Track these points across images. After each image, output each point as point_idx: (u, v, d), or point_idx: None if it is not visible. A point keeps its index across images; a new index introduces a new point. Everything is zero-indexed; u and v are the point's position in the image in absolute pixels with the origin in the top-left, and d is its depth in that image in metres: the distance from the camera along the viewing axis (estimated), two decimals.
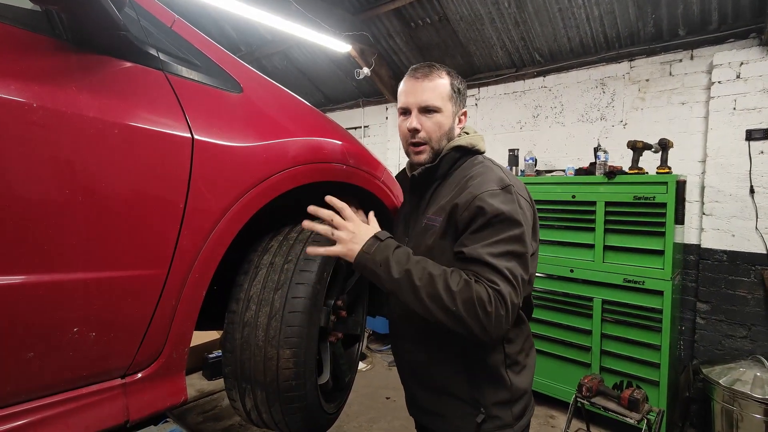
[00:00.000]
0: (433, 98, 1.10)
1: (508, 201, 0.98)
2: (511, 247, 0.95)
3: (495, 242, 0.94)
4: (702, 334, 3.08)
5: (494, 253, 0.93)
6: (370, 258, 0.97)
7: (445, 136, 1.13)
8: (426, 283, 0.92)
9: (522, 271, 0.95)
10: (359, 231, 1.01)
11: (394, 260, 0.96)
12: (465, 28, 3.97)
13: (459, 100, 1.14)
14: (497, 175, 1.04)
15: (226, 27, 5.28)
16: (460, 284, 0.90)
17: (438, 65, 1.14)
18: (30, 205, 0.70)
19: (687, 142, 3.16)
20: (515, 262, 0.95)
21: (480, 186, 1.01)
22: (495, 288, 0.90)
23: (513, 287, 0.92)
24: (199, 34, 1.08)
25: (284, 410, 1.04)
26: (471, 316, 0.89)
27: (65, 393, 0.78)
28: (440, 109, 1.10)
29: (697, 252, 3.11)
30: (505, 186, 1.01)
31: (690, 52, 3.17)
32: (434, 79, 1.10)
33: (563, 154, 3.83)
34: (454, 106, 1.13)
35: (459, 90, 1.14)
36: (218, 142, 0.96)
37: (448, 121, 1.12)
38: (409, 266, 0.95)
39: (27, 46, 0.73)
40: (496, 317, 0.89)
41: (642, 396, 2.28)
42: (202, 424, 2.94)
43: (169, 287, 0.88)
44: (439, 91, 1.10)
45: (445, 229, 1.04)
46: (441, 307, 0.91)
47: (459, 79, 1.16)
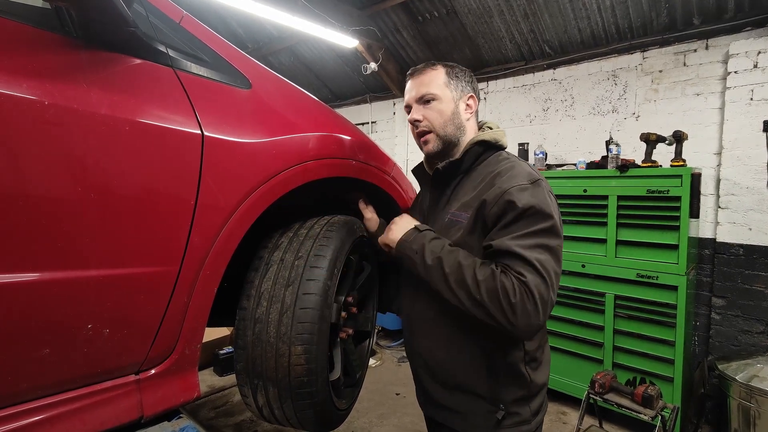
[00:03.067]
0: (427, 88, 1.13)
1: (537, 194, 0.98)
2: (541, 239, 0.94)
3: (525, 234, 0.94)
4: (717, 329, 3.03)
5: (524, 245, 0.93)
6: (408, 245, 1.07)
7: (450, 122, 1.13)
8: (454, 270, 0.96)
9: (555, 265, 0.94)
10: (400, 223, 1.13)
11: (429, 248, 1.02)
12: (473, 21, 3.92)
13: (458, 85, 1.14)
14: (525, 170, 1.03)
15: (233, 24, 5.28)
16: (486, 274, 0.92)
17: (433, 61, 1.17)
18: (43, 203, 0.70)
19: (702, 134, 3.09)
20: (547, 254, 0.94)
21: (509, 181, 1.00)
22: (521, 279, 0.90)
23: (543, 279, 0.91)
24: (208, 30, 1.07)
25: (296, 406, 1.04)
26: (495, 307, 0.90)
27: (81, 389, 0.79)
28: (436, 96, 1.12)
29: (712, 246, 3.05)
30: (534, 180, 1.01)
31: (705, 41, 3.09)
32: (427, 72, 1.14)
33: (574, 147, 3.78)
34: (453, 92, 1.14)
35: (457, 76, 1.15)
36: (228, 138, 0.95)
37: (449, 106, 1.13)
38: (441, 254, 1.00)
39: (37, 44, 0.73)
40: (522, 309, 0.89)
41: (656, 392, 2.25)
42: (214, 420, 2.97)
43: (181, 284, 0.88)
44: (432, 80, 1.13)
45: (473, 225, 1.03)
46: (467, 294, 0.94)
47: (458, 68, 1.17)
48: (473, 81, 1.19)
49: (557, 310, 3.09)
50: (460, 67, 1.18)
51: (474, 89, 1.18)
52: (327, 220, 1.21)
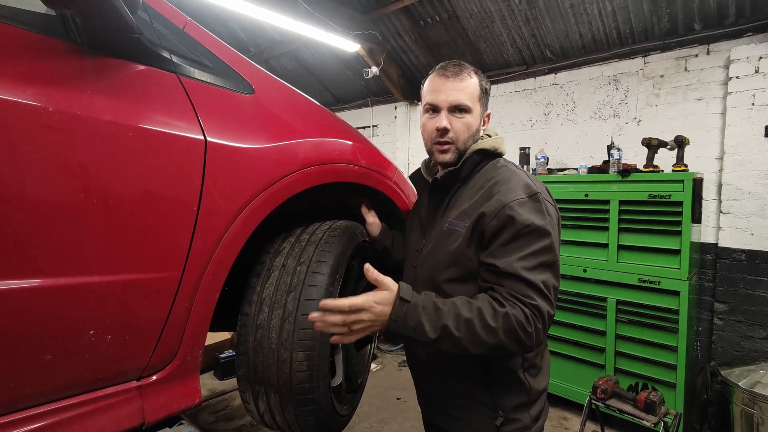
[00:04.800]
0: (464, 98, 1.07)
1: (536, 210, 0.97)
2: (543, 258, 0.94)
3: (528, 255, 0.93)
4: (720, 335, 3.01)
5: (528, 267, 0.92)
6: (402, 325, 0.91)
7: (471, 138, 1.11)
8: (465, 331, 0.89)
9: (554, 281, 0.96)
10: (378, 307, 0.90)
11: (426, 320, 0.90)
12: (475, 25, 3.93)
13: (486, 101, 1.13)
14: (523, 181, 1.02)
15: (235, 28, 5.31)
16: (498, 318, 0.89)
17: (467, 64, 1.12)
18: (46, 209, 0.70)
19: (703, 139, 3.09)
20: (548, 273, 0.95)
21: (508, 193, 0.99)
22: (532, 304, 0.90)
23: (548, 300, 0.93)
24: (211, 35, 1.07)
25: (298, 413, 1.03)
26: (514, 343, 0.90)
27: (82, 395, 0.79)
28: (470, 109, 1.08)
29: (714, 251, 3.04)
30: (533, 194, 0.99)
31: (706, 46, 3.10)
32: (465, 78, 1.08)
33: (575, 152, 3.78)
34: (481, 108, 1.12)
35: (486, 90, 1.12)
36: (231, 143, 0.96)
37: (476, 122, 1.11)
38: (443, 321, 0.90)
39: (42, 50, 0.74)
40: (535, 333, 0.91)
41: (659, 398, 2.23)
42: (214, 424, 2.96)
43: (183, 289, 0.88)
44: (470, 90, 1.08)
45: (470, 236, 1.01)
46: (485, 346, 0.91)
47: (486, 79, 1.13)
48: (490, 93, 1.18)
49: (559, 314, 3.07)
50: (487, 79, 1.15)
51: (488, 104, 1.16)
52: (329, 225, 1.21)
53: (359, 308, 0.89)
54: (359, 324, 0.90)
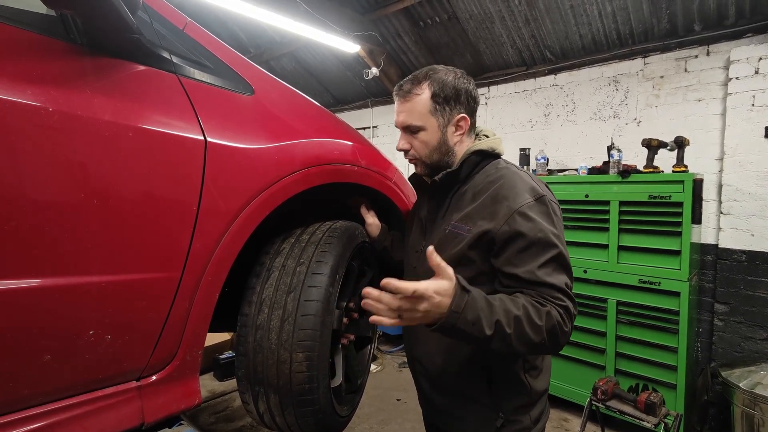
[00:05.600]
0: (411, 118, 1.08)
1: (545, 213, 0.98)
2: (559, 261, 0.97)
3: (547, 261, 0.95)
4: (720, 336, 3.01)
5: (551, 272, 0.95)
6: (461, 318, 0.84)
7: (436, 151, 1.10)
8: (515, 328, 0.87)
9: (571, 281, 0.98)
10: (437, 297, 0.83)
11: (483, 315, 0.85)
12: (474, 26, 3.93)
13: (446, 108, 1.08)
14: (528, 184, 1.02)
15: (235, 29, 5.31)
16: (542, 316, 0.90)
17: (421, 75, 1.09)
18: (45, 209, 0.70)
19: (703, 139, 3.09)
20: (565, 274, 0.97)
21: (516, 198, 0.99)
22: (563, 305, 0.93)
23: (572, 300, 0.95)
24: (211, 36, 1.08)
25: (297, 413, 1.03)
26: (554, 342, 0.92)
27: (82, 395, 0.79)
28: (422, 127, 1.08)
29: (714, 252, 3.04)
30: (539, 197, 1.00)
31: (706, 47, 3.10)
32: (412, 98, 1.08)
33: (575, 152, 3.78)
34: (440, 118, 1.08)
35: (446, 98, 1.07)
36: (231, 144, 0.96)
37: (434, 136, 1.09)
38: (496, 316, 0.86)
39: (42, 51, 0.74)
40: (568, 333, 0.94)
41: (659, 399, 2.23)
42: (214, 425, 2.96)
43: (182, 290, 0.88)
44: (418, 109, 1.07)
45: (476, 240, 1.00)
46: (529, 345, 0.90)
47: (448, 85, 1.06)
48: (468, 94, 1.09)
49: None
50: (451, 83, 1.07)
51: (468, 104, 1.10)
52: (329, 225, 1.21)
53: (420, 296, 0.81)
54: (412, 313, 0.84)
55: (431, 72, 1.09)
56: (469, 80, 1.11)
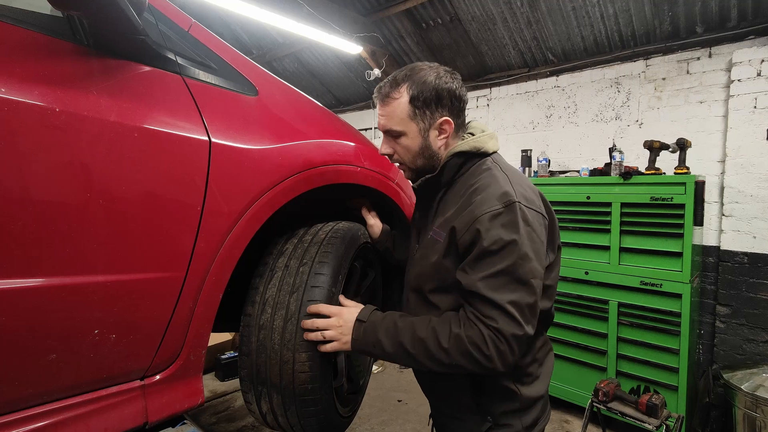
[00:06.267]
0: (391, 123, 1.03)
1: (509, 223, 0.89)
2: (512, 275, 0.87)
3: (495, 273, 0.87)
4: (722, 338, 3.01)
5: (494, 286, 0.87)
6: (362, 342, 0.99)
7: (419, 156, 1.05)
8: (419, 349, 0.92)
9: (530, 298, 0.89)
10: (344, 321, 1.01)
11: (383, 337, 0.96)
12: (477, 28, 3.94)
13: (426, 112, 1.00)
14: (501, 189, 0.93)
15: (238, 30, 5.33)
16: (450, 339, 0.88)
17: (400, 76, 1.02)
18: (51, 209, 0.71)
19: (705, 141, 3.09)
20: (521, 291, 0.88)
21: (481, 204, 0.92)
22: (492, 326, 0.86)
23: (515, 321, 0.86)
24: (215, 37, 1.08)
25: (300, 414, 1.03)
26: (473, 365, 0.88)
27: (86, 394, 0.79)
28: (402, 132, 1.02)
29: (716, 254, 3.03)
30: (509, 203, 0.91)
31: (708, 49, 3.10)
32: (390, 102, 1.01)
33: (577, 154, 3.78)
34: (420, 123, 1.01)
35: (426, 101, 0.99)
36: (235, 144, 0.96)
37: (415, 141, 1.03)
38: (399, 338, 0.95)
39: (49, 52, 0.74)
40: (497, 356, 0.87)
41: (660, 401, 2.23)
42: (216, 425, 2.96)
43: (186, 289, 0.89)
44: (396, 114, 1.01)
45: (447, 248, 0.97)
46: (441, 364, 0.91)
47: (430, 86, 0.99)
48: (451, 94, 1.01)
49: (560, 317, 3.07)
50: (431, 85, 0.99)
51: (452, 106, 1.02)
52: (331, 226, 1.22)
53: (327, 312, 1.00)
54: (330, 332, 0.99)
55: (411, 73, 1.01)
56: (454, 78, 1.03)
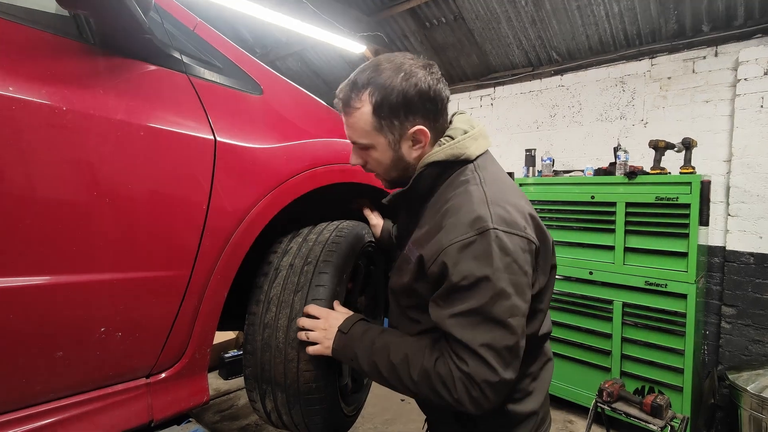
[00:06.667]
0: (355, 135, 0.90)
1: (482, 254, 0.76)
2: (487, 315, 0.76)
3: (465, 312, 0.77)
4: (727, 338, 2.99)
5: (465, 326, 0.77)
6: (341, 353, 0.94)
7: (392, 168, 0.93)
8: (391, 374, 0.86)
9: (508, 340, 0.77)
10: (329, 326, 0.96)
11: (360, 353, 0.90)
12: (481, 27, 3.93)
13: (394, 123, 0.86)
14: (474, 213, 0.79)
15: (242, 29, 5.34)
16: (421, 373, 0.81)
17: (361, 80, 0.86)
18: (58, 207, 0.71)
19: (711, 141, 3.07)
20: (497, 332, 0.76)
21: (450, 231, 0.80)
22: (462, 370, 0.76)
23: (488, 366, 0.75)
24: (220, 36, 1.08)
25: (304, 412, 1.03)
26: (441, 402, 0.80)
27: (93, 392, 0.80)
28: (370, 145, 0.89)
29: (722, 254, 3.01)
30: (482, 230, 0.77)
31: (714, 48, 3.08)
32: (351, 112, 0.87)
33: (581, 153, 3.76)
34: (389, 134, 0.87)
35: (393, 109, 0.84)
36: (240, 143, 0.96)
37: (386, 154, 0.90)
38: (373, 358, 0.88)
39: (56, 50, 0.75)
40: (468, 400, 0.77)
41: (665, 402, 2.22)
42: (219, 423, 2.97)
43: (192, 288, 0.89)
44: (359, 126, 0.87)
45: (417, 273, 0.87)
46: (414, 394, 0.85)
47: (397, 91, 0.83)
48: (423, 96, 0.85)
49: (564, 316, 3.06)
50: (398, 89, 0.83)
51: (425, 110, 0.87)
52: (335, 225, 1.22)
53: (316, 313, 0.98)
54: (315, 333, 0.97)
55: (373, 75, 0.85)
56: (429, 73, 0.86)
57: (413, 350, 0.85)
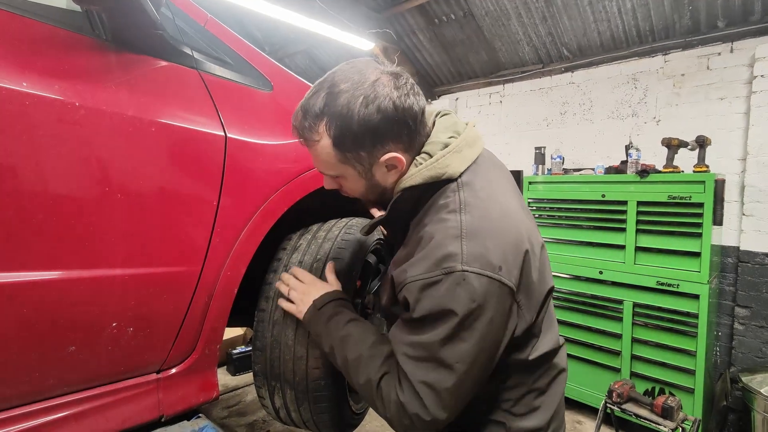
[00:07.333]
0: (320, 167, 0.82)
1: (443, 296, 0.70)
2: (434, 353, 0.72)
3: (416, 344, 0.74)
4: (740, 340, 2.94)
5: (411, 357, 0.74)
6: (308, 325, 0.93)
7: (369, 193, 0.85)
8: (342, 365, 0.86)
9: (448, 382, 0.72)
10: (307, 293, 0.94)
11: (323, 334, 0.89)
12: (490, 23, 3.89)
13: (362, 153, 0.77)
14: (444, 250, 0.71)
15: (250, 26, 5.35)
16: (365, 382, 0.80)
17: (314, 110, 0.75)
18: (69, 203, 0.71)
19: (726, 139, 3.01)
20: (441, 373, 0.72)
21: (416, 266, 0.73)
22: (398, 397, 0.75)
23: (420, 404, 0.72)
24: (231, 32, 1.08)
25: (313, 410, 1.03)
26: (377, 410, 0.80)
27: (104, 386, 0.80)
28: (338, 175, 0.82)
29: (735, 254, 2.96)
30: (449, 271, 0.70)
31: (730, 44, 3.01)
32: (310, 144, 0.78)
33: (592, 151, 3.72)
34: (357, 165, 0.78)
35: (356, 141, 0.74)
36: (250, 140, 0.96)
37: (358, 183, 0.82)
38: (333, 344, 0.86)
39: (68, 46, 0.75)
40: (399, 424, 0.76)
41: (677, 403, 2.19)
42: (227, 419, 2.99)
43: (202, 284, 0.89)
44: (322, 159, 0.79)
45: (392, 295, 0.83)
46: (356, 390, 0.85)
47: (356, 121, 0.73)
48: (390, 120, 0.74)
49: (573, 316, 3.03)
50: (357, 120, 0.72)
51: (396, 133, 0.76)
52: (345, 222, 1.21)
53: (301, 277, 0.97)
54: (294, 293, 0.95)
55: (328, 101, 0.74)
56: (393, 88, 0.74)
57: (367, 354, 0.82)
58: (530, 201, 3.27)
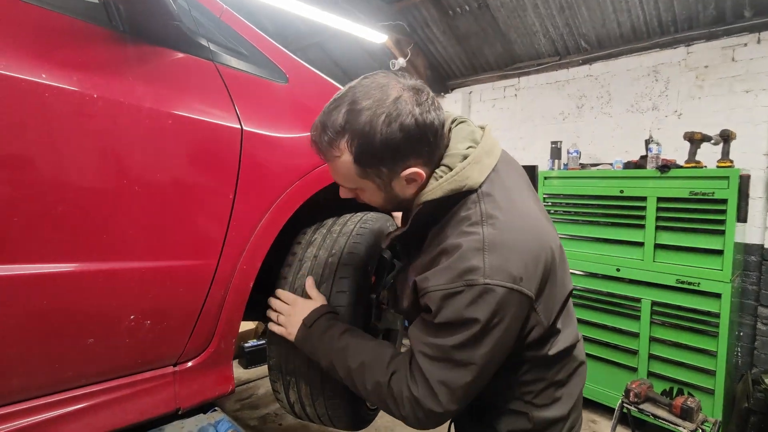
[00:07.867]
0: (339, 180, 0.84)
1: (465, 305, 0.73)
2: (453, 357, 0.75)
3: (436, 346, 0.77)
4: (763, 341, 2.86)
5: (430, 357, 0.77)
6: (302, 345, 0.93)
7: (387, 203, 0.87)
8: (348, 378, 0.87)
9: (465, 378, 0.76)
10: (295, 314, 0.95)
11: (319, 351, 0.90)
12: (506, 15, 3.82)
13: (383, 169, 0.78)
14: (467, 263, 0.73)
15: (262, 19, 5.34)
16: (374, 386, 0.83)
17: (335, 127, 0.75)
18: (88, 195, 0.71)
19: (751, 133, 2.91)
20: (459, 371, 0.76)
21: (440, 275, 0.75)
22: (412, 393, 0.78)
23: (436, 400, 0.76)
24: (247, 24, 1.07)
25: (328, 405, 1.03)
26: (388, 411, 0.83)
27: (121, 379, 0.81)
28: (359, 188, 0.84)
29: (759, 252, 2.87)
30: (471, 283, 0.72)
31: (757, 35, 2.90)
32: (333, 160, 0.79)
33: (610, 146, 3.64)
34: (377, 179, 0.80)
35: (377, 157, 0.76)
36: (266, 133, 0.95)
37: (377, 195, 0.84)
38: (332, 357, 0.88)
39: (86, 38, 0.74)
40: (413, 418, 0.79)
41: (696, 405, 2.14)
42: (239, 412, 3.03)
43: (218, 277, 0.89)
44: (341, 173, 0.80)
45: (413, 299, 0.85)
46: (364, 397, 0.89)
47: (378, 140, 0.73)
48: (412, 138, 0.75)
49: (589, 314, 2.98)
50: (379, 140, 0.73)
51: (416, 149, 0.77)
52: (360, 217, 1.20)
53: (285, 299, 0.99)
54: (282, 318, 0.97)
55: (349, 118, 0.74)
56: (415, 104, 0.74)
57: (371, 359, 0.85)
58: (545, 196, 3.21)
